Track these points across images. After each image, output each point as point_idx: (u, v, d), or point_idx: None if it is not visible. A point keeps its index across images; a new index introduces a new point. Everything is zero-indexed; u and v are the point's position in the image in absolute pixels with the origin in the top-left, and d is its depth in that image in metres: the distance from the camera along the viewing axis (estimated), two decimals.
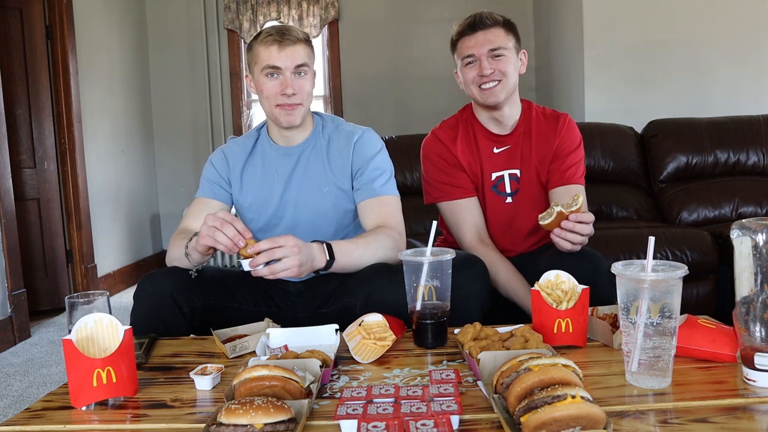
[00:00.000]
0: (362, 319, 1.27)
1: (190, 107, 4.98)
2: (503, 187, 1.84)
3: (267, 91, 1.59)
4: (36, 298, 3.63)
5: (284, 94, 1.57)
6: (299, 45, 1.57)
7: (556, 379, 0.86)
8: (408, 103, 4.91)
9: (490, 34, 1.71)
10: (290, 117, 1.61)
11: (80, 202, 3.91)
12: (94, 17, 4.18)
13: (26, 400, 2.41)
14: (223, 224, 1.33)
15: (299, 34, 1.59)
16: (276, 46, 1.55)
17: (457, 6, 4.64)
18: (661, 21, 3.74)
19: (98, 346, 1.06)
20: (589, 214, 1.49)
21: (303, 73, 1.59)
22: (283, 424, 0.86)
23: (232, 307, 1.59)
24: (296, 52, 1.56)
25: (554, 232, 1.50)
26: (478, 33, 1.72)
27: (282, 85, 1.57)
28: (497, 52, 1.71)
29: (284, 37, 1.56)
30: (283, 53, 1.55)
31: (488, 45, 1.71)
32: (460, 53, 1.77)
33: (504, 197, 1.84)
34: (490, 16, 1.74)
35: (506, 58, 1.72)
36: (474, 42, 1.72)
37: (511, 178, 1.84)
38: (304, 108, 1.62)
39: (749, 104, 3.64)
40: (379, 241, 1.54)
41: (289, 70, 1.56)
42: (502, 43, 1.72)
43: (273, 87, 1.58)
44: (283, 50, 1.55)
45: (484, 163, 1.84)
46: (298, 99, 1.59)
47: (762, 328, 0.98)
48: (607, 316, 1.33)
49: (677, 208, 3.11)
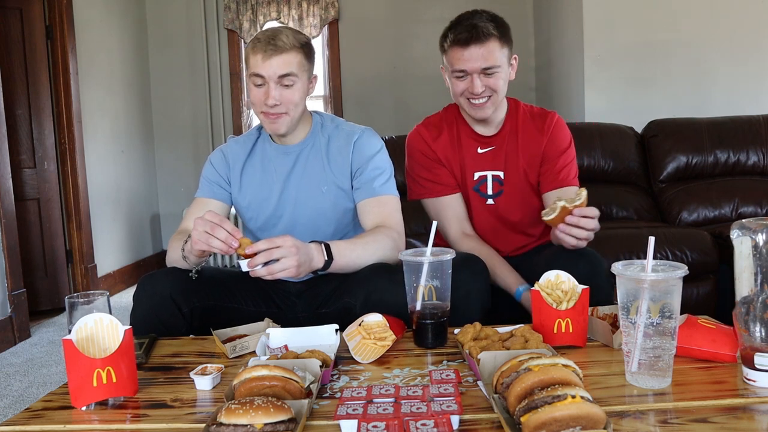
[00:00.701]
0: (362, 319, 1.27)
1: (190, 107, 4.99)
2: (485, 188, 1.83)
3: (253, 98, 1.59)
4: (36, 298, 3.63)
5: (266, 104, 1.56)
6: (286, 54, 1.52)
7: (556, 379, 0.86)
8: (408, 103, 4.91)
9: (485, 50, 1.64)
10: (274, 126, 1.60)
11: (80, 202, 3.91)
12: (94, 17, 4.18)
13: (26, 400, 2.41)
14: (213, 228, 1.32)
15: (290, 42, 1.53)
16: (261, 56, 1.52)
17: (457, 6, 4.62)
18: (661, 21, 3.74)
19: (98, 346, 1.06)
20: (593, 208, 1.46)
21: (289, 84, 1.55)
22: (283, 424, 0.86)
23: (232, 308, 1.59)
24: (282, 61, 1.52)
25: (558, 228, 1.47)
26: (471, 47, 1.64)
27: (264, 94, 1.55)
28: (490, 71, 1.66)
29: (270, 45, 1.52)
30: (267, 63, 1.52)
31: (482, 62, 1.65)
32: (450, 62, 1.70)
33: (485, 198, 1.83)
34: (485, 27, 1.65)
35: (498, 74, 1.68)
36: (468, 56, 1.65)
37: (494, 179, 1.82)
38: (290, 117, 1.59)
39: (749, 104, 3.64)
40: (378, 242, 1.54)
41: (272, 80, 1.53)
42: (495, 61, 1.66)
43: (257, 95, 1.57)
44: (267, 60, 1.52)
45: (467, 163, 1.82)
46: (282, 109, 1.57)
47: (762, 328, 0.98)
48: (607, 316, 1.33)
49: (677, 208, 3.11)
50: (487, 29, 1.65)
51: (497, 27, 1.67)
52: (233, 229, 1.33)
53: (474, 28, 1.65)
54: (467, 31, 1.65)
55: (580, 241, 1.48)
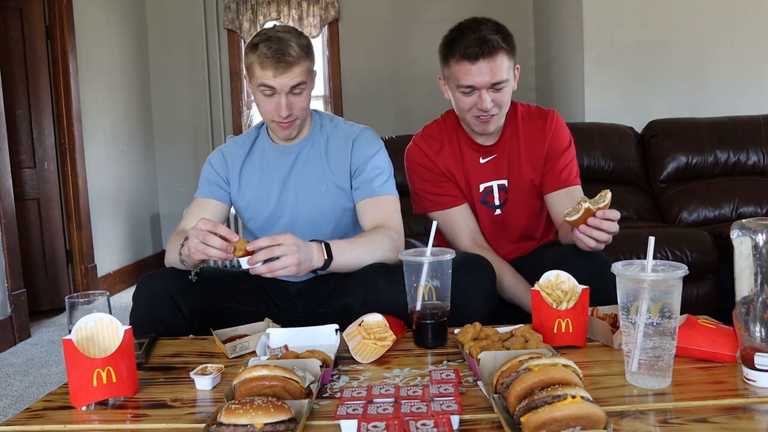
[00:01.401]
0: (362, 319, 1.27)
1: (190, 107, 4.99)
2: (492, 199, 1.79)
3: (263, 108, 1.59)
4: (36, 298, 3.63)
5: (279, 114, 1.56)
6: (297, 67, 1.52)
7: (556, 379, 0.86)
8: (408, 103, 4.91)
9: (494, 65, 1.57)
10: (286, 132, 1.62)
11: (80, 202, 3.91)
12: (94, 17, 4.18)
13: (26, 400, 2.41)
14: (206, 237, 1.32)
15: (297, 51, 1.52)
16: (272, 72, 1.51)
17: (457, 6, 4.64)
18: (661, 21, 3.74)
19: (98, 346, 1.06)
20: (615, 211, 1.42)
21: (299, 92, 1.56)
22: (283, 424, 0.86)
23: (232, 308, 1.59)
24: (293, 74, 1.52)
25: (579, 229, 1.42)
26: (481, 62, 1.56)
27: (277, 106, 1.55)
28: (499, 86, 1.60)
29: (281, 62, 1.50)
30: (279, 78, 1.51)
31: (490, 77, 1.57)
32: (456, 77, 1.62)
33: (493, 210, 1.79)
34: (495, 40, 1.57)
35: (506, 89, 1.62)
36: (477, 71, 1.57)
37: (499, 189, 1.78)
38: (300, 121, 1.62)
39: (749, 104, 3.64)
40: (378, 241, 1.54)
41: (284, 92, 1.54)
42: (503, 75, 1.58)
43: (268, 105, 1.56)
44: (279, 76, 1.51)
45: (470, 175, 1.78)
46: (294, 116, 1.58)
47: (762, 328, 0.98)
48: (607, 316, 1.33)
49: (677, 208, 3.11)
50: (496, 42, 1.57)
51: (504, 38, 1.60)
52: (228, 232, 1.33)
53: (484, 43, 1.56)
54: (477, 45, 1.56)
55: (599, 244, 1.44)
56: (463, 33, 1.61)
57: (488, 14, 1.69)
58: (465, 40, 1.59)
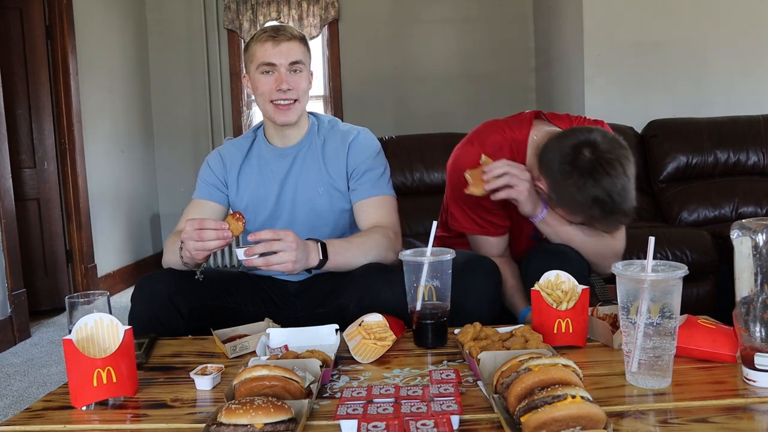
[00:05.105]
0: (362, 319, 1.27)
1: (190, 107, 4.98)
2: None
3: (262, 88, 1.59)
4: (36, 298, 3.63)
5: (279, 90, 1.57)
6: (294, 42, 1.59)
7: (556, 379, 0.86)
8: (408, 103, 4.90)
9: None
10: (285, 115, 1.60)
11: (80, 202, 3.91)
12: (94, 17, 4.18)
13: (26, 400, 2.41)
14: (200, 234, 1.35)
15: (294, 32, 1.60)
16: (271, 43, 1.57)
17: (457, 6, 4.64)
18: (661, 21, 3.74)
19: (98, 346, 1.06)
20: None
21: (298, 71, 1.59)
22: (283, 424, 0.86)
23: (231, 308, 1.59)
24: (291, 48, 1.58)
25: (486, 190, 1.48)
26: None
27: (277, 81, 1.57)
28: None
29: (279, 33, 1.58)
30: (278, 49, 1.56)
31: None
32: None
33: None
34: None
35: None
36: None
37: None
38: (301, 105, 1.62)
39: (749, 104, 3.64)
40: (374, 241, 1.54)
41: (284, 66, 1.57)
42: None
43: (268, 83, 1.58)
44: (278, 46, 1.56)
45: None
46: (294, 95, 1.59)
47: (762, 328, 0.98)
48: (607, 316, 1.33)
49: (677, 208, 3.11)
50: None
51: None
52: (215, 222, 1.36)
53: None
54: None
55: (517, 191, 1.48)
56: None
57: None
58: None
